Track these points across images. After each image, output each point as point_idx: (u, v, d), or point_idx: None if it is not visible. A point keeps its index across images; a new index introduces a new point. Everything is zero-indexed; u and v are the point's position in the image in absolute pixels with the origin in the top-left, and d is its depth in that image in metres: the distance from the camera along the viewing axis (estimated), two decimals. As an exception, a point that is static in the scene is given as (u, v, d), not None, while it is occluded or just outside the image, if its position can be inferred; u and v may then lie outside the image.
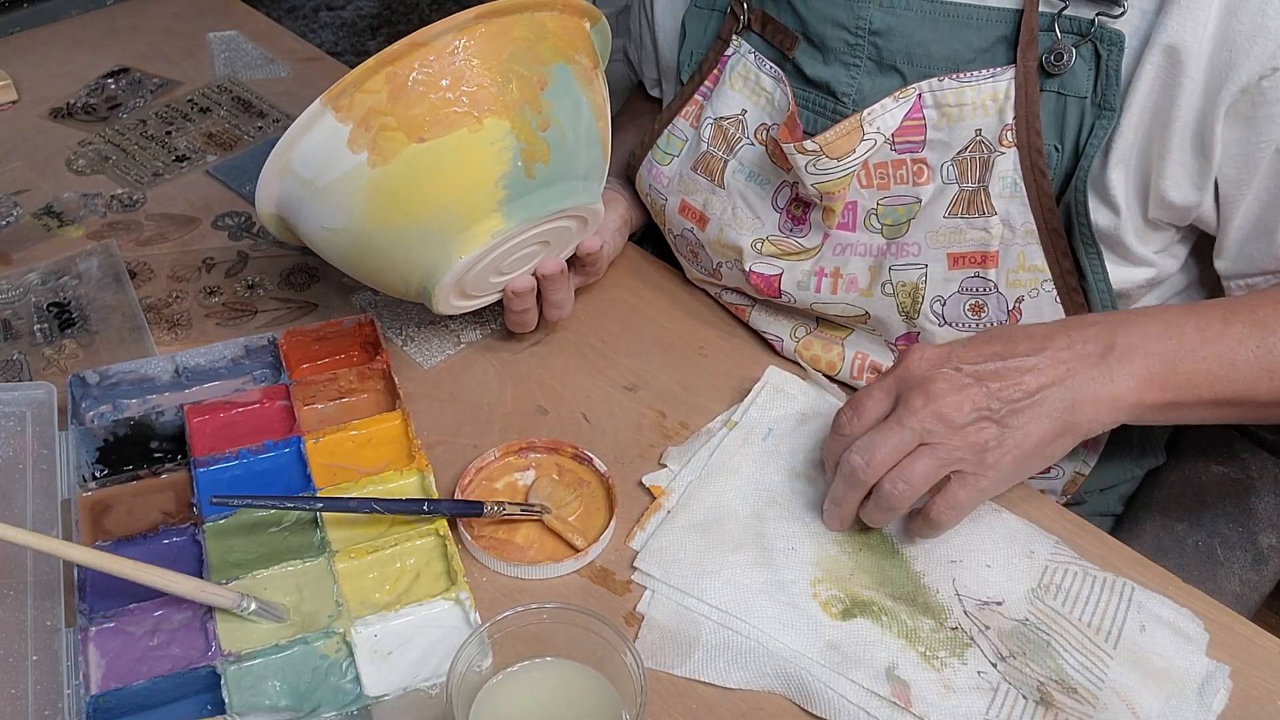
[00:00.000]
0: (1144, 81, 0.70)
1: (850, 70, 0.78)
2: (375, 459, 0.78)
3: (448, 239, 0.73)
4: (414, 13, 2.73)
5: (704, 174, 0.86)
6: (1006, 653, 0.67)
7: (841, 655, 0.66)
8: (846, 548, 0.73)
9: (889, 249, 0.79)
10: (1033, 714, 0.64)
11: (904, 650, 0.67)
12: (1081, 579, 0.71)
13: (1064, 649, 0.67)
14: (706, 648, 0.67)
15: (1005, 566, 0.71)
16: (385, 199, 0.71)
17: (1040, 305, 0.77)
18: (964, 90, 0.74)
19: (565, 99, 0.73)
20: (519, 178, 0.72)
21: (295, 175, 0.73)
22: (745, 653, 0.67)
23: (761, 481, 0.76)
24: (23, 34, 1.26)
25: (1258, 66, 0.67)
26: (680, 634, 0.68)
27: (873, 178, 0.78)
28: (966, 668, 0.66)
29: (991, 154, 0.74)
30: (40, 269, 0.94)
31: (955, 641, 0.67)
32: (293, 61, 1.23)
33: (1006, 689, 0.65)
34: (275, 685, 0.64)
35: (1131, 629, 0.68)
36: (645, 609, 0.70)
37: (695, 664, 0.67)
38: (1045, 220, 0.74)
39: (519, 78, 0.71)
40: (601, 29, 0.80)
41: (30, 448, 0.75)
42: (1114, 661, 0.67)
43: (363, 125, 0.69)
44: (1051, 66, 0.72)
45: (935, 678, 0.66)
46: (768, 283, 0.84)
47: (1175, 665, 0.67)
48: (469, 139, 0.70)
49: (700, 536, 0.73)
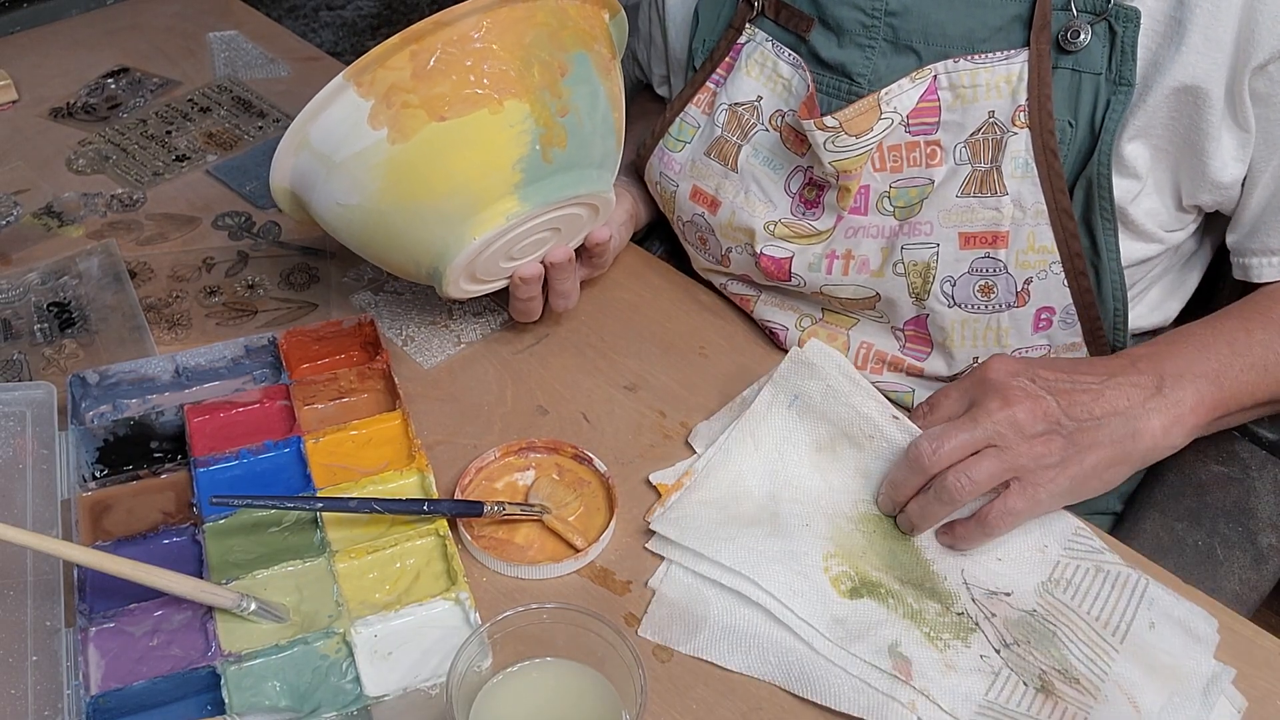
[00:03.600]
0: (1169, 61, 0.72)
1: (866, 52, 0.78)
2: (375, 459, 0.78)
3: (462, 219, 0.73)
4: (414, 12, 2.73)
5: (717, 159, 0.86)
6: (1011, 640, 0.68)
7: (845, 630, 0.67)
8: (861, 527, 0.74)
9: (901, 229, 0.80)
10: (1032, 700, 0.65)
11: (908, 630, 0.68)
12: (1094, 576, 0.71)
13: (1070, 640, 0.68)
14: (713, 628, 0.68)
15: (1017, 561, 0.72)
16: (403, 176, 0.71)
17: (1048, 287, 0.78)
18: (978, 72, 0.75)
19: (584, 86, 0.73)
20: (536, 161, 0.72)
21: (312, 150, 0.73)
22: (750, 637, 0.68)
23: (780, 462, 0.77)
24: (23, 34, 1.26)
25: (1269, 49, 0.70)
26: (689, 612, 0.69)
27: (886, 160, 0.79)
28: (970, 650, 0.67)
29: (1004, 135, 0.75)
30: (40, 269, 0.94)
31: (960, 626, 0.68)
32: (293, 61, 1.23)
33: (1008, 674, 0.66)
34: (275, 685, 0.64)
35: (1140, 625, 0.69)
36: (657, 584, 0.71)
37: (701, 642, 0.68)
38: (1056, 201, 0.75)
39: (541, 63, 0.71)
40: (620, 21, 0.80)
41: (30, 448, 0.74)
42: (1119, 656, 0.67)
43: (384, 101, 0.69)
44: (1067, 44, 0.73)
45: (937, 656, 0.67)
46: (778, 265, 0.84)
47: (1182, 664, 0.67)
48: (489, 120, 0.70)
49: (716, 511, 0.74)
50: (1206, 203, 0.78)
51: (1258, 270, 0.79)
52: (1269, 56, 0.70)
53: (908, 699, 0.64)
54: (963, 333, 0.80)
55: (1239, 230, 0.79)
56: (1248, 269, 0.79)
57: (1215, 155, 0.74)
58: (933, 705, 0.64)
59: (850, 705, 0.65)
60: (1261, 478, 0.89)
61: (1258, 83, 0.72)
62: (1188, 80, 0.71)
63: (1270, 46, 0.70)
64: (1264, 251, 0.78)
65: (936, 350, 0.83)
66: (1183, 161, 0.75)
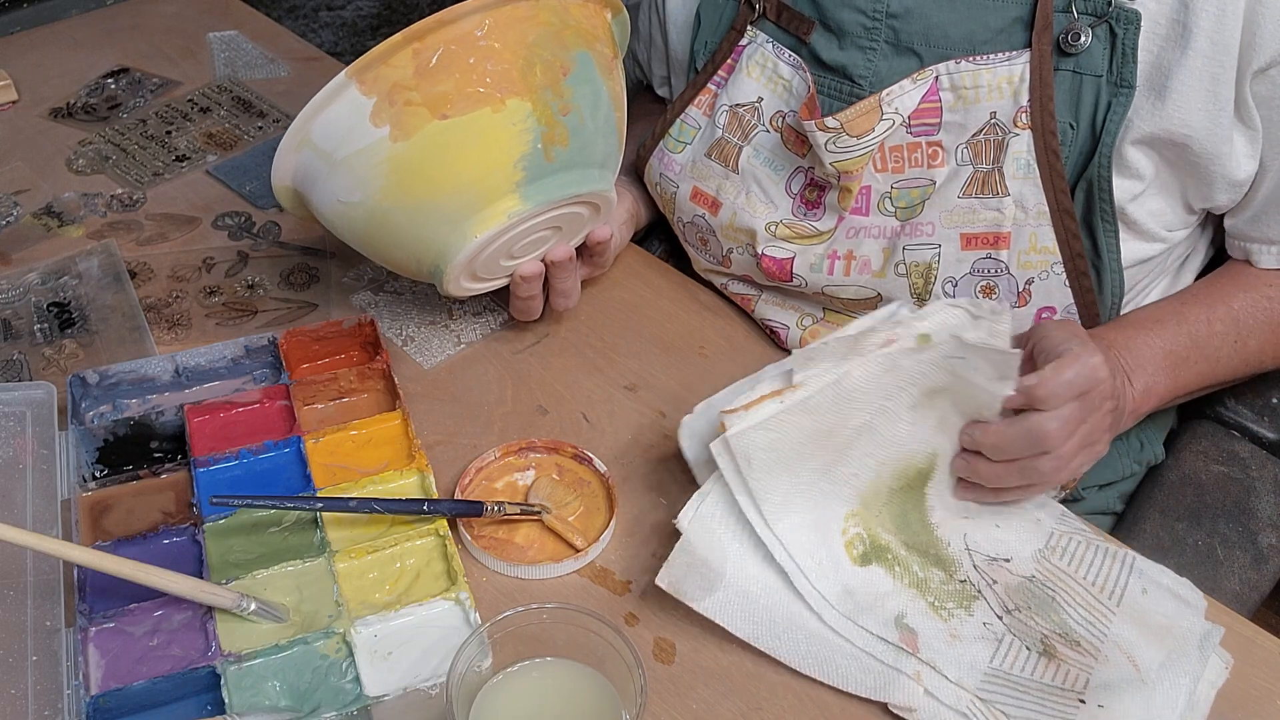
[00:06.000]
0: (1178, 65, 0.72)
1: (867, 54, 0.79)
2: (375, 459, 0.78)
3: (464, 217, 0.73)
4: (414, 12, 2.74)
5: (718, 160, 0.86)
6: (1013, 606, 0.69)
7: (855, 603, 0.68)
8: (893, 484, 0.72)
9: (903, 229, 0.80)
10: (1035, 664, 0.66)
11: (914, 600, 0.69)
12: (1085, 545, 0.73)
13: (1068, 604, 0.69)
14: (727, 590, 0.68)
15: (1015, 528, 0.74)
16: (405, 174, 0.71)
17: (1050, 287, 0.78)
18: (980, 73, 0.75)
19: (586, 86, 0.74)
20: (538, 160, 0.72)
21: (314, 147, 0.73)
22: (763, 608, 0.68)
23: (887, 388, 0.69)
24: (23, 34, 1.26)
25: (1270, 53, 0.70)
26: (708, 566, 0.67)
27: (887, 161, 0.79)
28: (973, 619, 0.68)
29: (1006, 136, 0.75)
30: (40, 269, 0.94)
31: (963, 594, 0.70)
32: (293, 61, 1.23)
33: (1011, 640, 0.68)
34: (275, 685, 0.64)
35: (1134, 590, 0.70)
36: (685, 524, 0.67)
37: (713, 603, 0.67)
38: (1057, 201, 0.75)
39: (543, 62, 0.71)
40: (622, 21, 0.80)
41: (30, 448, 0.74)
42: (1116, 617, 0.69)
43: (386, 99, 0.69)
44: (1068, 46, 0.73)
45: (942, 627, 0.68)
46: (780, 266, 0.84)
47: (1176, 624, 0.68)
48: (491, 118, 0.70)
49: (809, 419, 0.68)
50: (1223, 203, 0.79)
51: (1257, 255, 0.81)
52: (1270, 60, 0.71)
53: (913, 670, 0.65)
54: None
55: (1239, 217, 0.80)
56: (1249, 252, 0.82)
57: (1230, 157, 0.75)
58: (939, 676, 0.65)
59: (857, 685, 0.65)
60: (1261, 478, 0.89)
61: (1259, 86, 0.72)
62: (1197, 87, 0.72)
63: (1271, 50, 0.70)
64: (1265, 240, 0.80)
65: None
66: (1193, 168, 0.76)
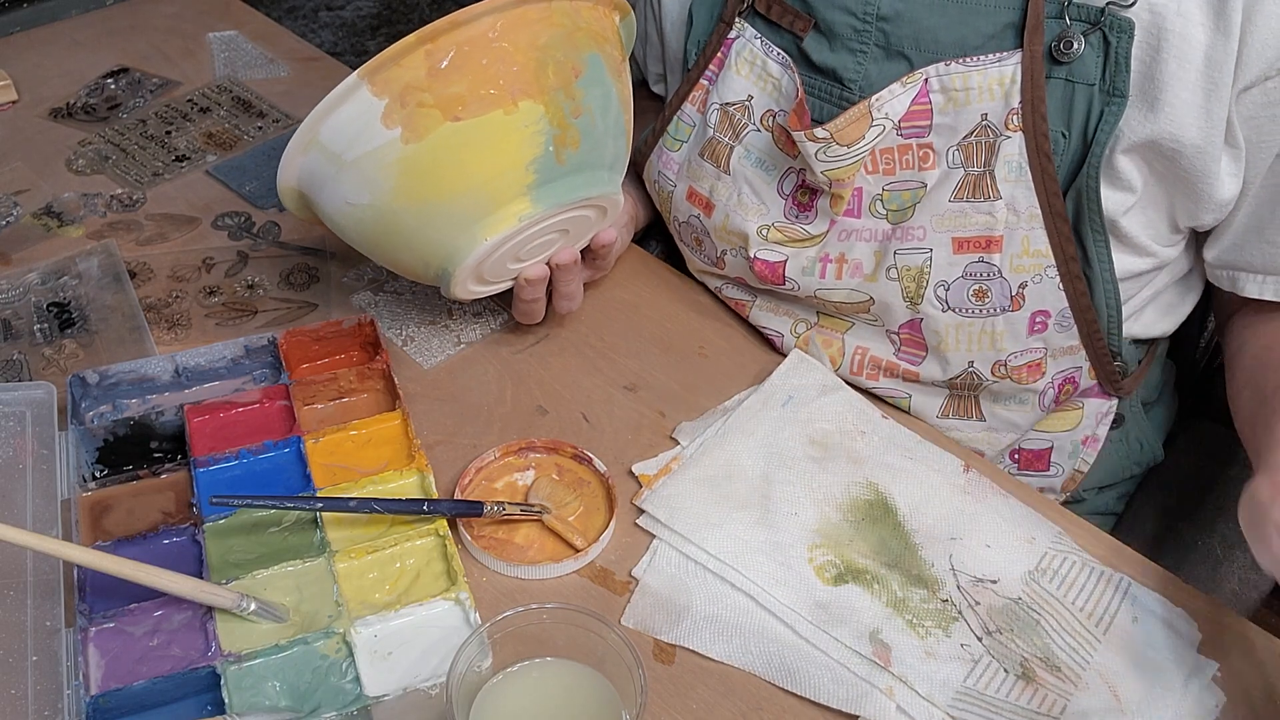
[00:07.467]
0: (1171, 77, 0.71)
1: (857, 57, 0.78)
2: (375, 459, 0.78)
3: (474, 220, 0.73)
4: (414, 12, 2.73)
5: (710, 160, 0.86)
6: (994, 628, 0.69)
7: (828, 615, 0.68)
8: (849, 516, 0.74)
9: (894, 233, 0.79)
10: (1011, 686, 0.66)
11: (891, 617, 0.69)
12: (1080, 568, 0.73)
13: (1053, 629, 0.69)
14: (695, 617, 0.69)
15: (1005, 548, 0.73)
16: (415, 176, 0.71)
17: (1043, 291, 0.77)
18: (970, 74, 0.75)
19: (597, 88, 0.73)
20: (550, 162, 0.72)
21: (323, 149, 0.73)
22: (732, 626, 0.69)
23: (775, 443, 0.78)
24: (23, 34, 1.26)
25: (1254, 72, 0.69)
26: (672, 602, 0.70)
27: (879, 163, 0.79)
28: (950, 640, 0.68)
29: (997, 138, 0.75)
30: (40, 269, 0.94)
31: (943, 614, 0.69)
32: (293, 61, 1.23)
33: (988, 661, 0.67)
34: (275, 685, 0.64)
35: (1124, 619, 0.70)
36: (641, 574, 0.72)
37: (683, 631, 0.69)
38: (1050, 205, 0.75)
39: (555, 63, 0.71)
40: (629, 23, 0.80)
41: (30, 448, 0.74)
42: (1102, 645, 0.68)
43: (398, 101, 0.69)
44: (1060, 54, 0.72)
45: (918, 644, 0.68)
46: (772, 269, 0.84)
47: (1164, 657, 0.68)
48: (503, 120, 0.70)
49: (709, 490, 0.75)
50: (1207, 222, 0.77)
51: (1243, 284, 0.78)
52: (1253, 79, 0.69)
53: (885, 684, 0.65)
54: (957, 336, 0.80)
55: (1216, 247, 0.78)
56: (1235, 281, 0.79)
57: (1217, 176, 0.73)
58: (910, 691, 0.65)
59: (829, 697, 0.65)
60: (1261, 478, 0.89)
61: (1241, 105, 0.71)
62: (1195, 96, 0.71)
63: (1255, 70, 0.69)
64: (1241, 267, 0.78)
65: (931, 354, 0.82)
66: (1181, 183, 0.74)
